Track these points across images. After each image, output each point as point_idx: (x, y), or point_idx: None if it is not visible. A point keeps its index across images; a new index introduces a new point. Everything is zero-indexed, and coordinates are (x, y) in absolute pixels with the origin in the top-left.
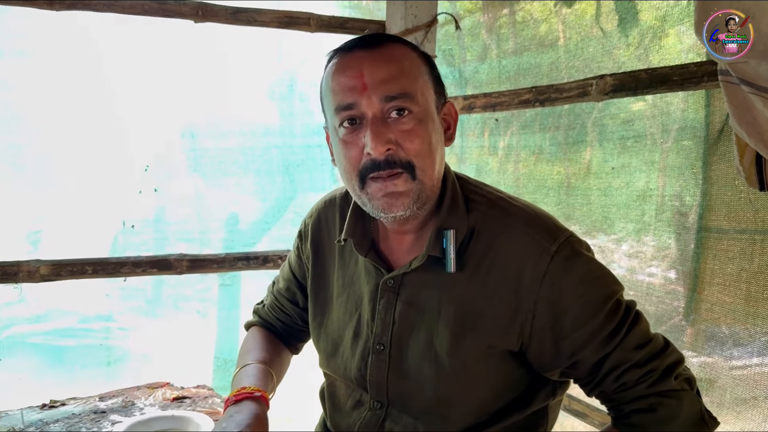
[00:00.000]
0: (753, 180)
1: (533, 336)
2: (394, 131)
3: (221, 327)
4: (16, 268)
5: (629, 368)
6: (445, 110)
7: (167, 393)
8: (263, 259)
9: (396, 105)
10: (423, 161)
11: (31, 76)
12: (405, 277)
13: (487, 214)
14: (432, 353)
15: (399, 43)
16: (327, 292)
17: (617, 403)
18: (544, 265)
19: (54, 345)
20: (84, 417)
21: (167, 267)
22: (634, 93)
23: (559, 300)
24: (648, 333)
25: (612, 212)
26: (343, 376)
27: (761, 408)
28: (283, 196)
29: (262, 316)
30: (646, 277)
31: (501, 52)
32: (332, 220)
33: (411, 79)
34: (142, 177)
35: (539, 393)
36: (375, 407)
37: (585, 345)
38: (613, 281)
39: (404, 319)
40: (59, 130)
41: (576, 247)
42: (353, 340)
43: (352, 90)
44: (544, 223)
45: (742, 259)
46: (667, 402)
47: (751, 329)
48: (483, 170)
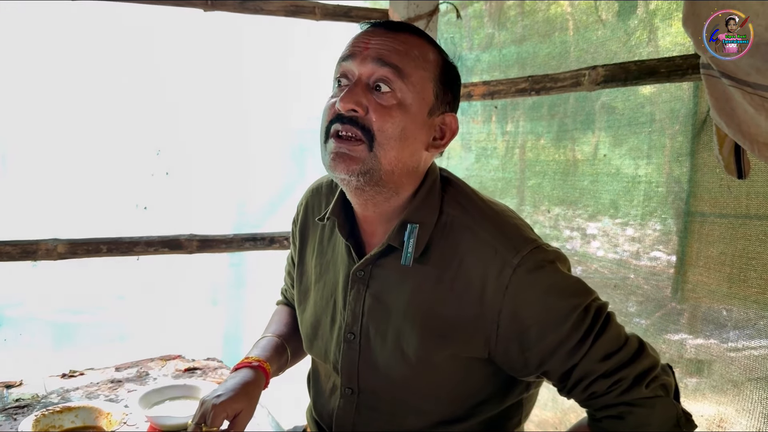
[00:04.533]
0: (732, 168)
1: (499, 345)
2: (371, 99)
3: (229, 305)
4: (35, 246)
5: (597, 379)
6: (444, 119)
7: (179, 364)
8: (270, 240)
9: (384, 73)
10: (386, 140)
11: (50, 59)
12: (374, 270)
13: (458, 219)
14: (399, 352)
15: (420, 38)
16: (308, 278)
17: (589, 407)
18: (506, 278)
19: (67, 322)
20: (101, 386)
21: (178, 247)
22: (624, 84)
23: (522, 312)
24: (618, 340)
25: (619, 197)
26: (324, 359)
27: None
28: (290, 180)
29: (286, 296)
30: (648, 262)
31: (503, 40)
32: (318, 206)
33: (412, 63)
34: (154, 160)
35: (513, 389)
36: (347, 393)
37: (551, 355)
38: (579, 292)
39: (373, 314)
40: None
41: (539, 259)
42: (331, 325)
43: (355, 48)
44: (510, 234)
45: (722, 242)
46: (636, 411)
47: (728, 310)
48: (489, 156)
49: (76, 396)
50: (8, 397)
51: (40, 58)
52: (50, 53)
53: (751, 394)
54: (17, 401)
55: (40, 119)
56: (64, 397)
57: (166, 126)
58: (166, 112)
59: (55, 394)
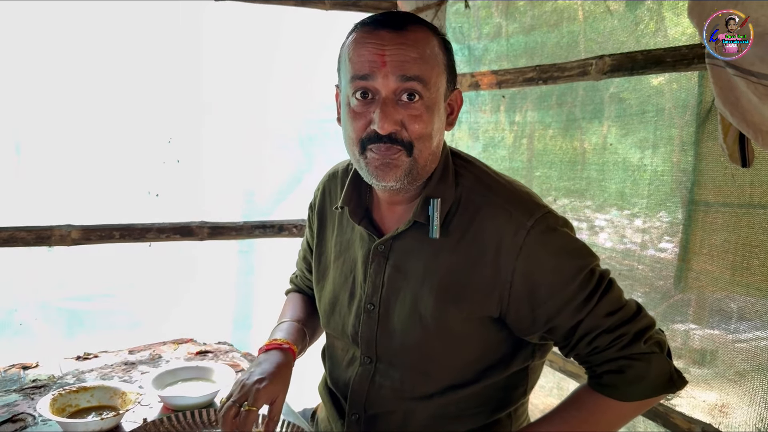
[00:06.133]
0: (736, 157)
1: (511, 304)
2: (403, 114)
3: (239, 292)
4: (49, 232)
5: (600, 333)
6: (452, 97)
7: (191, 348)
8: (279, 228)
9: (410, 86)
10: (422, 143)
11: (64, 48)
12: (394, 243)
13: (472, 189)
14: (417, 315)
15: (423, 27)
16: (326, 257)
17: (590, 364)
18: (520, 239)
19: (77, 309)
20: (116, 367)
21: (189, 234)
22: (631, 73)
23: (535, 271)
24: (620, 300)
25: (626, 187)
26: (341, 333)
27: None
28: (298, 169)
29: (297, 284)
30: (655, 252)
31: (511, 30)
32: (334, 190)
33: (429, 66)
34: (165, 149)
35: (519, 355)
36: (365, 362)
37: (559, 312)
38: (586, 254)
39: (392, 283)
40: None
41: (551, 222)
42: (349, 300)
43: (372, 63)
44: (523, 199)
45: (725, 231)
46: (636, 364)
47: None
48: (496, 146)
49: (91, 377)
50: (25, 378)
51: (53, 47)
52: (64, 42)
53: (753, 380)
54: (34, 382)
55: (54, 108)
56: (79, 378)
57: (177, 114)
58: (177, 101)
59: (70, 375)
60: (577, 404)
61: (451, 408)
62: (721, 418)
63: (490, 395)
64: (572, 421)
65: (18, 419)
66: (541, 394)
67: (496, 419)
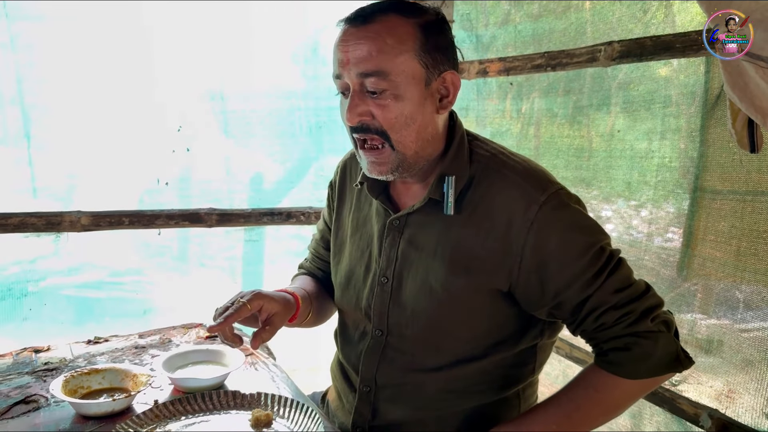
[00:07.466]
0: (744, 143)
1: (521, 277)
2: (371, 104)
3: (246, 281)
4: (59, 218)
5: (608, 310)
6: (444, 79)
7: (201, 332)
8: (287, 215)
9: (369, 82)
10: (398, 133)
11: (72, 37)
12: (409, 218)
13: (486, 166)
14: (427, 287)
15: (390, 16)
16: (343, 232)
17: (597, 341)
18: (532, 214)
19: (86, 297)
20: (126, 351)
21: (198, 220)
22: (640, 59)
23: (545, 246)
24: (629, 279)
25: (633, 176)
26: (354, 307)
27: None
28: (306, 157)
29: (306, 267)
30: (662, 242)
31: (519, 17)
32: (355, 169)
33: (389, 56)
34: (175, 137)
35: (528, 332)
36: (377, 335)
37: (568, 287)
38: (597, 231)
39: (405, 256)
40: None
41: (564, 198)
42: (365, 273)
43: (340, 62)
44: (537, 176)
45: (733, 216)
46: (642, 342)
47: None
48: (503, 134)
49: (102, 360)
50: (37, 360)
51: (63, 35)
52: (74, 30)
53: (760, 366)
54: (46, 364)
55: (64, 97)
56: (90, 361)
57: (186, 103)
58: (187, 89)
59: (81, 359)
60: (584, 383)
61: (460, 383)
62: (728, 404)
63: (498, 372)
64: (579, 400)
65: (31, 400)
66: (547, 381)
67: (504, 397)
